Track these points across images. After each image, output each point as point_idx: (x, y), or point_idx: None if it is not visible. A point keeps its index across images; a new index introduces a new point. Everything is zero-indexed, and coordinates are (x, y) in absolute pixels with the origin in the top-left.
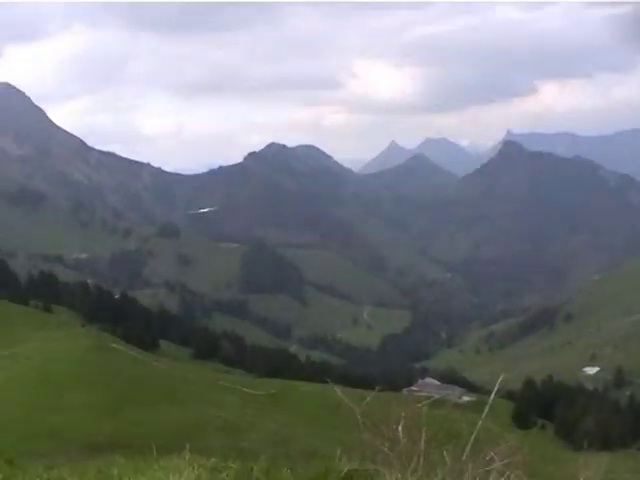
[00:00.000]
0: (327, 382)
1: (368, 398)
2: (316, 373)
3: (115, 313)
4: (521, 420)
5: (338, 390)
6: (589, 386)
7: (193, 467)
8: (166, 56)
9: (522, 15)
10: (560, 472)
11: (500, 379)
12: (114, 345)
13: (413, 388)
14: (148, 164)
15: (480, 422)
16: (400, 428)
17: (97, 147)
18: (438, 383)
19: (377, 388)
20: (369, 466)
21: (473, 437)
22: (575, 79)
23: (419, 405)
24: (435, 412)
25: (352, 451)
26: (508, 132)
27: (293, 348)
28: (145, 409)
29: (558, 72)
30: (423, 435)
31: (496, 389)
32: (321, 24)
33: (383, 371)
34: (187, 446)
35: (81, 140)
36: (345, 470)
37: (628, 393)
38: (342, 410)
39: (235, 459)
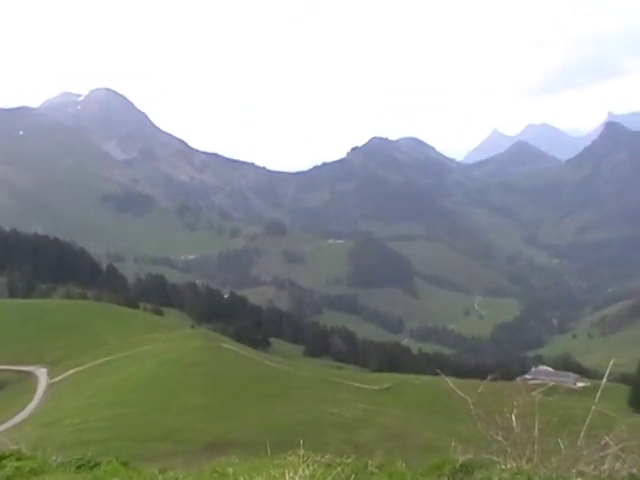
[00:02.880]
0: (439, 374)
1: (480, 388)
2: (429, 365)
3: (225, 312)
4: (637, 404)
5: (449, 381)
6: None
7: (308, 464)
8: None
9: None
10: None
11: (611, 363)
12: (225, 345)
13: (527, 376)
14: (252, 164)
15: (593, 407)
16: (514, 417)
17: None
18: (552, 370)
19: (489, 377)
20: (484, 456)
21: (587, 422)
22: None
23: (533, 393)
24: (549, 399)
25: (467, 442)
26: (609, 113)
27: (405, 341)
28: (259, 408)
29: None
30: (537, 423)
31: (607, 374)
32: None
33: (496, 360)
34: (301, 443)
35: (184, 142)
36: (460, 461)
37: None
38: (454, 401)
39: (350, 455)
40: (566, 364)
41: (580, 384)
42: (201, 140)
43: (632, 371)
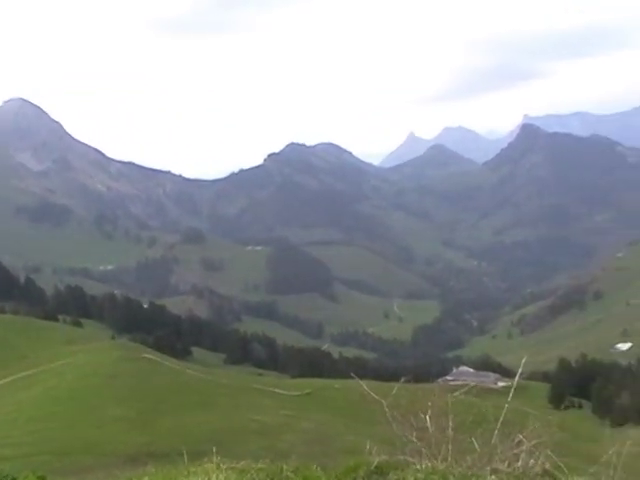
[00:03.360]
0: (353, 378)
1: (394, 390)
2: (350, 369)
3: (145, 322)
4: (558, 401)
5: (364, 384)
6: (622, 362)
7: (221, 470)
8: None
9: None
10: (598, 450)
11: (523, 362)
12: (146, 355)
13: (448, 377)
14: (169, 172)
15: (506, 405)
16: (428, 417)
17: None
18: (473, 371)
19: (402, 379)
20: (399, 457)
21: (501, 420)
22: (587, 59)
23: (455, 394)
24: (470, 399)
25: (388, 444)
26: (525, 116)
27: (326, 346)
28: (181, 417)
29: (570, 53)
30: (450, 423)
31: (520, 372)
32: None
33: (417, 363)
34: (214, 449)
35: (100, 151)
36: (375, 463)
37: None
38: (369, 404)
39: (270, 461)
40: (486, 364)
41: (501, 384)
42: (117, 149)
43: (552, 369)
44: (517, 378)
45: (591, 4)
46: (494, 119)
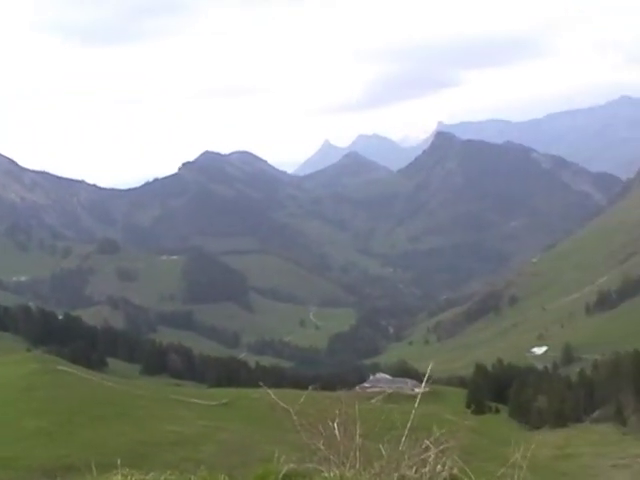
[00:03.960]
0: (261, 386)
1: (302, 398)
2: (267, 379)
3: (60, 334)
4: (475, 406)
5: (271, 393)
6: (539, 366)
7: None
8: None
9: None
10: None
11: (429, 368)
12: (61, 367)
13: (366, 384)
14: (83, 181)
15: (413, 411)
16: (336, 425)
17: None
18: (390, 377)
19: (310, 387)
20: (308, 465)
21: (408, 427)
22: (500, 67)
23: (372, 400)
24: (373, 406)
25: (301, 452)
26: (439, 123)
27: (242, 355)
28: (98, 429)
29: (482, 62)
30: (359, 430)
31: (427, 377)
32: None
33: (334, 370)
34: (119, 461)
35: (13, 161)
36: (283, 471)
37: (577, 369)
38: (278, 413)
39: (179, 472)
40: (403, 371)
41: (418, 390)
42: (31, 158)
43: (469, 374)
44: (424, 384)
45: (504, 14)
46: (409, 127)
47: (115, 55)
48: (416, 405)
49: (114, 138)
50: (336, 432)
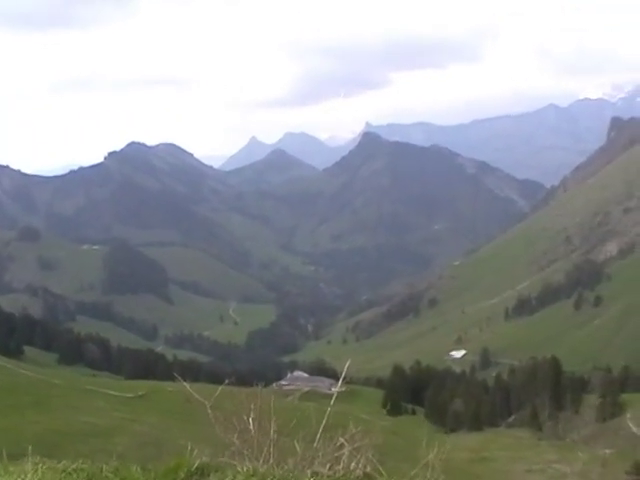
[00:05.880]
0: (178, 378)
1: (217, 392)
2: (184, 372)
3: None
4: (392, 406)
5: (187, 386)
6: (456, 369)
7: (37, 470)
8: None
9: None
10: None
11: (346, 366)
12: None
13: (283, 382)
14: (7, 167)
15: (329, 409)
16: (250, 420)
17: None
18: (307, 376)
19: (226, 382)
20: (221, 459)
21: (323, 424)
22: (429, 70)
23: (289, 398)
24: (289, 402)
25: (217, 446)
26: (367, 124)
27: (160, 348)
28: (11, 418)
29: (412, 64)
30: (273, 425)
31: (343, 376)
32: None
33: (252, 366)
34: (29, 449)
35: None
36: (196, 464)
37: (494, 374)
38: (194, 406)
39: (91, 462)
40: (321, 369)
41: (335, 389)
42: None
43: (387, 375)
44: (340, 383)
45: (437, 17)
46: (336, 126)
47: (43, 41)
48: (332, 403)
49: (41, 125)
50: (251, 427)
